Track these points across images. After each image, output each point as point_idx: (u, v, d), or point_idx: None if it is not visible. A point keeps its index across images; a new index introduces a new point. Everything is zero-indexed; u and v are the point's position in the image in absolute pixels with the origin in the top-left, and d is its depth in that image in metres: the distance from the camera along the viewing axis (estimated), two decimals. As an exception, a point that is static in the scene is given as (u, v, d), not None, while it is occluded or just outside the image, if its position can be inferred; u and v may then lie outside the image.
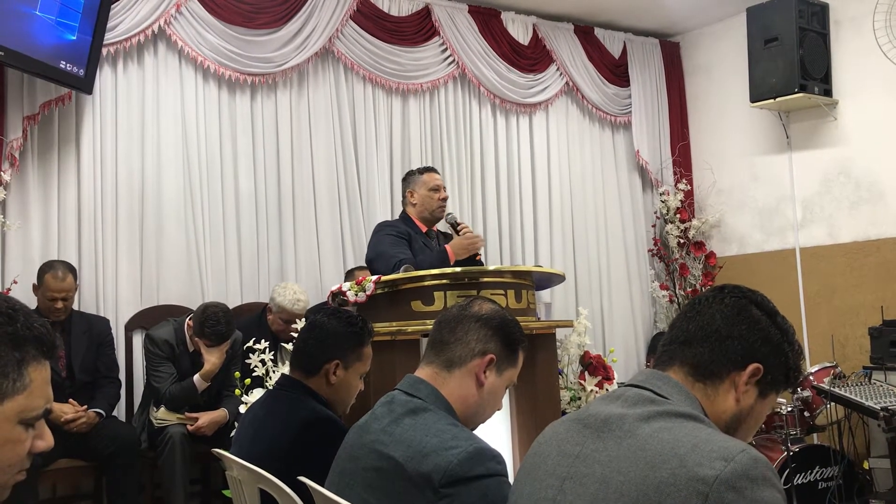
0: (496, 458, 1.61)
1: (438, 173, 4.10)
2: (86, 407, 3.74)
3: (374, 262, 3.75)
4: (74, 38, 3.91)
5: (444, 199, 3.99)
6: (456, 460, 1.54)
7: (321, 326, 2.43)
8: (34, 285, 3.82)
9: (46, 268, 3.79)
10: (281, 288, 4.30)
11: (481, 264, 3.83)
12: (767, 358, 1.32)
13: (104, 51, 4.18)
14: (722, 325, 1.32)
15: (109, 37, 4.19)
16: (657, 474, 1.13)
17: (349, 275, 4.58)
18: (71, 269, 3.84)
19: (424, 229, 3.99)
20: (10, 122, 4.00)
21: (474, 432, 1.71)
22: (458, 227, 3.83)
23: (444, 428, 1.63)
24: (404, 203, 4.08)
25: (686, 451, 1.13)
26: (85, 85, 4.04)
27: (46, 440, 1.11)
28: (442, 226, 4.09)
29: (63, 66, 3.88)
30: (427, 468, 1.55)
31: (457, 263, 3.68)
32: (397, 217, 4.15)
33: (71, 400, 3.74)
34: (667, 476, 1.12)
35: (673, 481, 1.11)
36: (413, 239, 3.86)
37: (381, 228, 3.92)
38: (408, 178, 4.10)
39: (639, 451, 1.17)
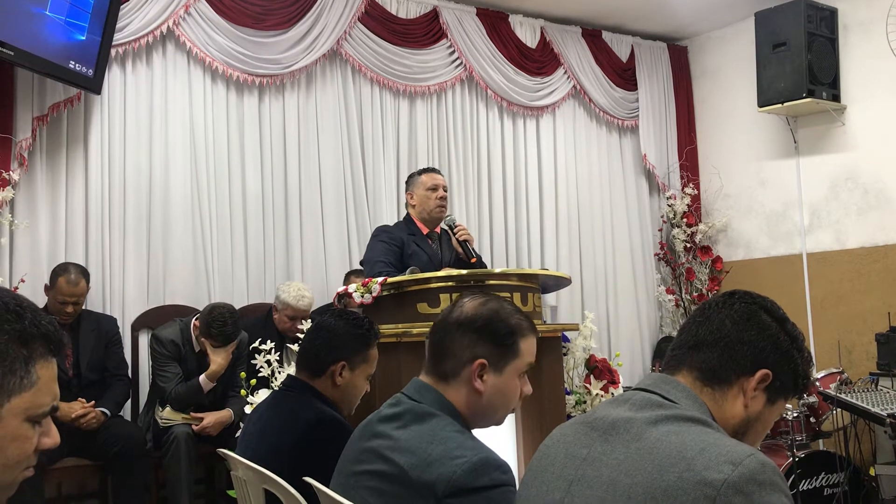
0: (502, 467, 1.58)
1: (439, 173, 4.10)
2: (93, 403, 3.75)
3: (364, 265, 3.87)
4: (84, 38, 3.93)
5: (442, 199, 3.98)
6: (460, 471, 1.52)
7: (327, 328, 2.44)
8: (46, 286, 3.84)
9: (60, 270, 3.79)
10: (285, 286, 4.32)
11: (481, 265, 3.86)
12: (776, 364, 1.32)
13: (113, 51, 4.20)
14: (731, 331, 1.32)
15: (118, 37, 4.20)
16: (665, 478, 1.13)
17: (347, 278, 4.59)
18: (84, 274, 3.85)
19: (426, 231, 4.00)
20: (19, 122, 4.01)
21: (483, 439, 1.68)
22: (455, 229, 3.84)
23: (450, 436, 1.61)
24: (407, 206, 4.11)
25: (694, 455, 1.13)
26: (94, 85, 4.06)
27: (53, 437, 1.11)
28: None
29: (72, 66, 3.89)
30: (430, 477, 1.53)
31: (456, 265, 3.71)
32: (402, 219, 4.17)
33: (80, 399, 3.74)
34: (674, 479, 1.12)
35: (681, 485, 1.11)
36: (406, 244, 3.87)
37: (377, 234, 3.96)
38: (408, 180, 4.14)
39: (647, 455, 1.17)
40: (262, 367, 3.50)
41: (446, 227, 3.95)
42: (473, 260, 3.73)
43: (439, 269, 3.66)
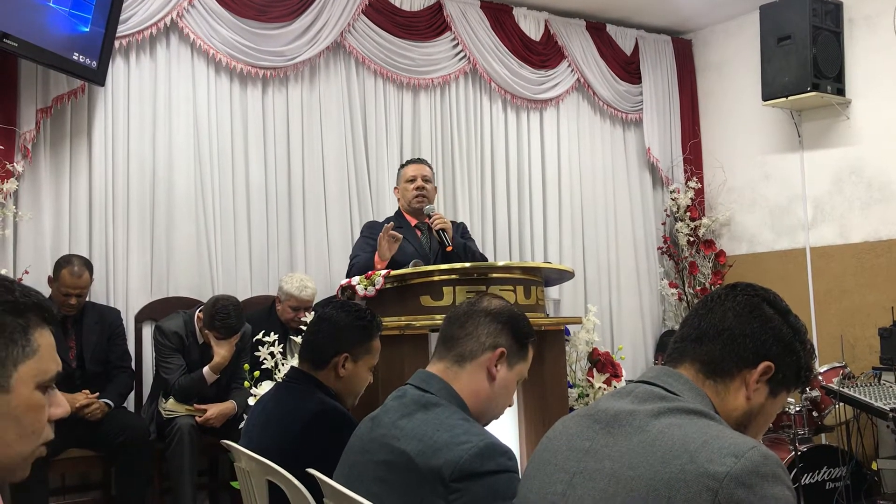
0: (507, 454, 1.60)
1: (422, 163, 4.17)
2: (97, 394, 3.77)
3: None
4: (87, 29, 3.93)
5: (420, 189, 4.02)
6: (467, 455, 1.54)
7: (330, 319, 2.44)
8: (49, 277, 3.84)
9: (63, 262, 3.79)
10: (288, 276, 4.34)
11: (476, 256, 3.88)
12: (779, 356, 1.32)
13: (117, 43, 4.20)
14: (734, 323, 1.32)
15: (122, 29, 4.20)
16: (667, 470, 1.13)
17: None
18: (87, 266, 3.85)
19: (414, 223, 4.03)
20: (23, 114, 4.02)
21: (486, 428, 1.71)
22: (432, 218, 3.86)
23: (456, 423, 1.64)
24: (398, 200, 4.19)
25: (696, 447, 1.13)
26: (97, 77, 4.06)
27: (62, 406, 1.14)
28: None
29: (76, 58, 3.89)
30: (438, 463, 1.55)
31: (446, 258, 3.72)
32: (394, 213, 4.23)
33: (84, 391, 3.75)
34: (677, 472, 1.12)
35: (683, 477, 1.11)
36: None
37: (362, 230, 4.06)
38: (397, 174, 4.19)
39: (649, 447, 1.17)
40: (265, 358, 3.51)
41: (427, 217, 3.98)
42: (449, 248, 3.75)
43: (428, 261, 3.70)
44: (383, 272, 3.22)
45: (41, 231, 4.08)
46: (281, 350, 3.56)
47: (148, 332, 4.28)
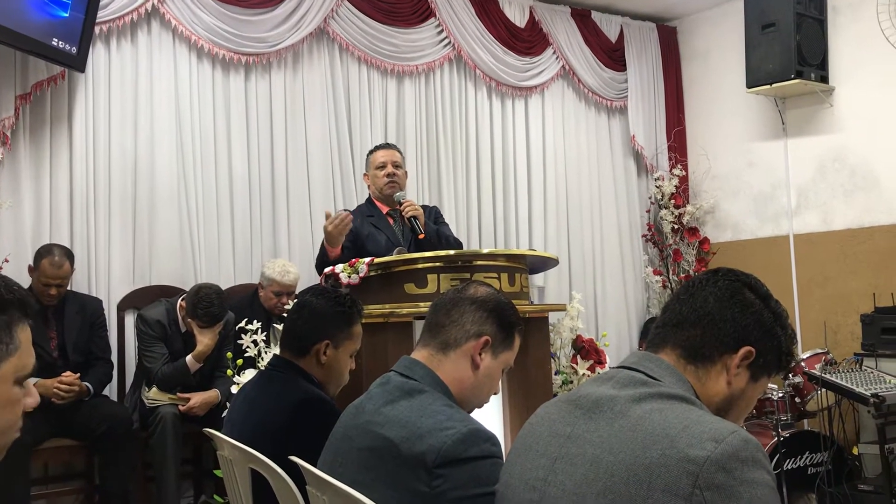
0: (490, 439, 1.60)
1: (392, 148, 4.15)
2: (78, 375, 3.73)
3: None
4: (67, 15, 3.87)
5: (391, 176, 4.00)
6: (450, 441, 1.54)
7: (309, 306, 2.43)
8: (30, 267, 3.80)
9: (44, 252, 3.75)
10: (270, 262, 4.32)
11: (452, 243, 3.88)
12: (760, 341, 1.32)
13: (97, 29, 4.15)
14: (715, 308, 1.32)
15: (102, 14, 4.14)
16: (648, 455, 1.13)
17: None
18: (68, 256, 3.81)
19: (386, 210, 4.01)
20: (2, 101, 3.96)
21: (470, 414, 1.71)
22: (402, 205, 3.84)
23: (440, 409, 1.63)
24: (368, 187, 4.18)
25: (677, 433, 1.13)
26: (77, 63, 4.01)
27: (34, 396, 1.16)
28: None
29: (55, 44, 3.84)
30: (421, 449, 1.55)
31: (419, 246, 3.71)
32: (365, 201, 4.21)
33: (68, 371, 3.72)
34: (657, 457, 1.12)
35: (663, 462, 1.11)
36: (363, 225, 3.89)
37: None
38: (365, 160, 4.17)
39: (629, 432, 1.18)
40: (248, 347, 3.50)
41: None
42: (422, 236, 3.74)
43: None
44: (367, 260, 3.21)
45: (21, 219, 4.04)
46: (264, 338, 3.55)
47: (130, 320, 4.25)
